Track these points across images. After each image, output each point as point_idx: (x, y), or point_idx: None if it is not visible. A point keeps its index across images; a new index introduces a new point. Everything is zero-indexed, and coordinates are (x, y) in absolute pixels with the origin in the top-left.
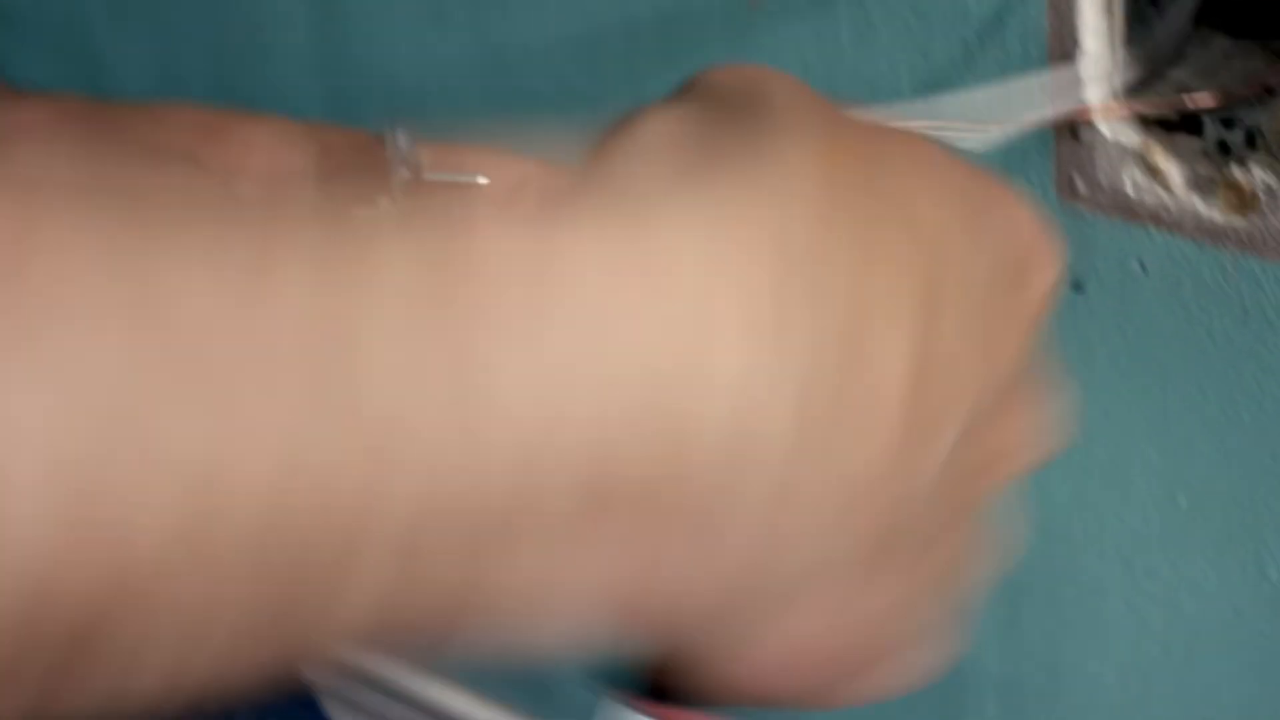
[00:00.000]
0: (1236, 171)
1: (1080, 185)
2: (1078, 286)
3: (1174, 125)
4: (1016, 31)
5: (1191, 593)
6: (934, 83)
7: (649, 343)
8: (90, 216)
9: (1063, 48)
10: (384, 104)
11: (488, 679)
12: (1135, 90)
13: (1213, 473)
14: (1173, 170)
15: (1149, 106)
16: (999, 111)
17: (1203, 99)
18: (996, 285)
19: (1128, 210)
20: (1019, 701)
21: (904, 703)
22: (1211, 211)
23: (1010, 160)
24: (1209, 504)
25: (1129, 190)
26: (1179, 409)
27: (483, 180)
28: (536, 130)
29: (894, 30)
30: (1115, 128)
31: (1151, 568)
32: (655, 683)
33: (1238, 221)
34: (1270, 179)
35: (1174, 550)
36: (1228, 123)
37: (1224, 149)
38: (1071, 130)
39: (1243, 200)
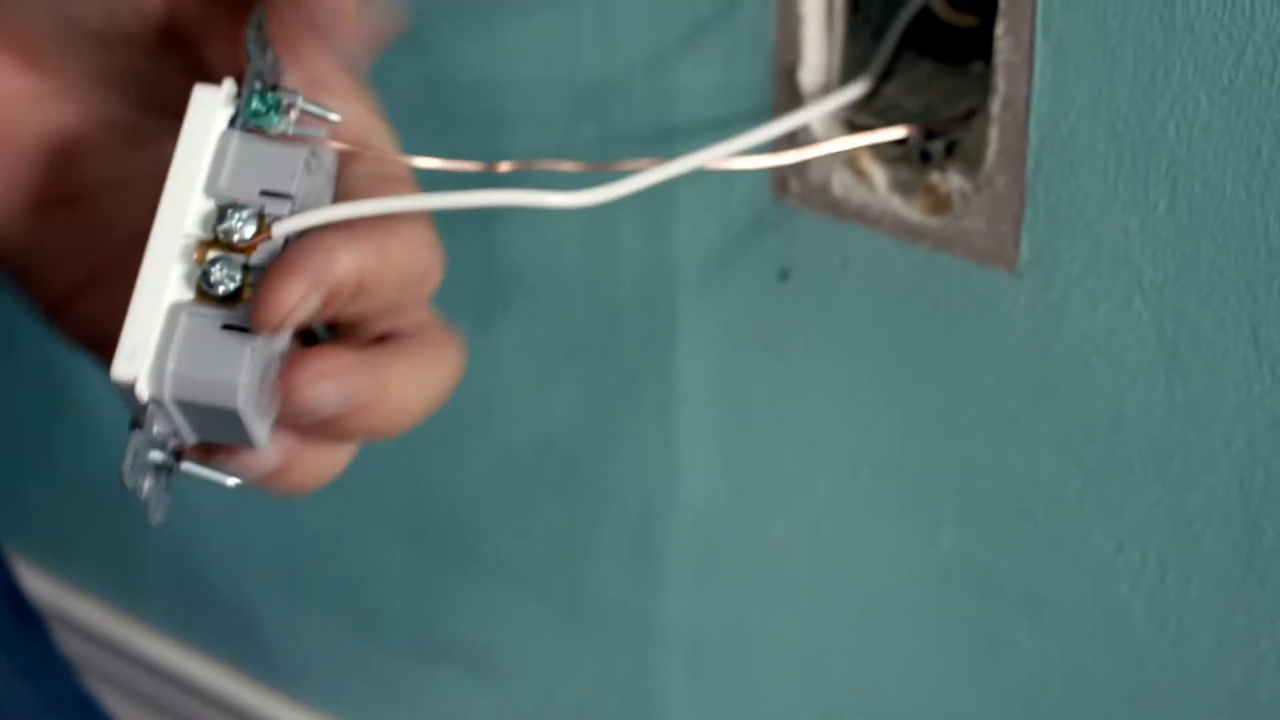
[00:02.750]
0: (935, 177)
1: (793, 184)
2: (784, 275)
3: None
4: (745, 39)
5: (870, 558)
6: (664, 81)
7: None
8: None
9: (787, 57)
10: None
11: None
12: (850, 102)
13: (896, 449)
14: (878, 174)
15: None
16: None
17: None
18: None
19: (835, 208)
20: (706, 656)
21: (597, 653)
22: (911, 212)
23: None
24: (890, 477)
25: (837, 190)
26: (869, 390)
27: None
28: None
29: (630, 29)
30: (828, 133)
31: (834, 534)
32: None
33: (933, 222)
34: (965, 185)
35: (856, 518)
36: (930, 134)
37: (925, 157)
38: (789, 135)
39: (939, 203)
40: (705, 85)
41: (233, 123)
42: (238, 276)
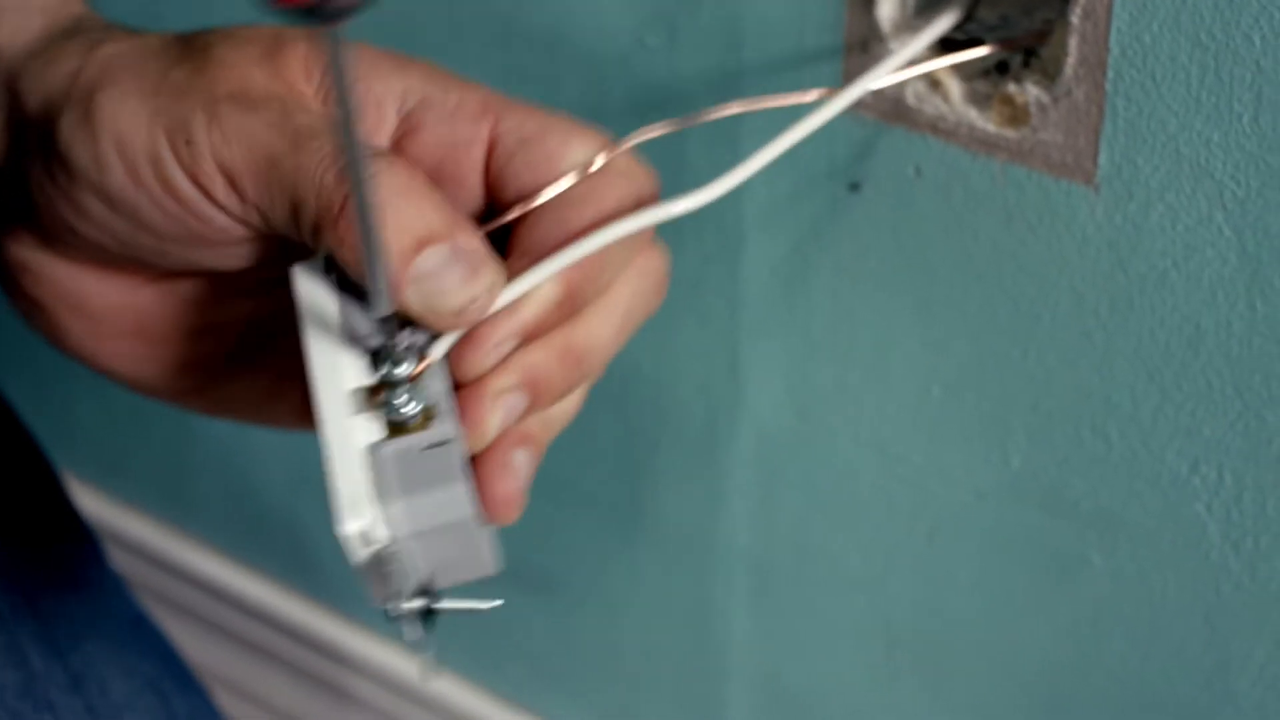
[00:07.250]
0: (1012, 88)
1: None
2: (854, 187)
3: (957, 43)
4: None
5: (939, 477)
6: None
7: None
8: None
9: None
10: None
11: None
12: (923, 11)
13: (968, 366)
14: (953, 84)
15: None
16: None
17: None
18: None
19: (908, 119)
20: (768, 577)
21: (657, 573)
22: (986, 123)
23: (801, 66)
24: (961, 394)
25: (910, 100)
26: (941, 305)
27: None
28: None
29: None
30: (902, 42)
31: (903, 453)
32: None
33: (1009, 133)
34: (1043, 96)
35: (925, 437)
36: (1007, 44)
37: (1001, 68)
38: (861, 43)
39: (1015, 114)
40: None
41: (344, 285)
42: (420, 400)
